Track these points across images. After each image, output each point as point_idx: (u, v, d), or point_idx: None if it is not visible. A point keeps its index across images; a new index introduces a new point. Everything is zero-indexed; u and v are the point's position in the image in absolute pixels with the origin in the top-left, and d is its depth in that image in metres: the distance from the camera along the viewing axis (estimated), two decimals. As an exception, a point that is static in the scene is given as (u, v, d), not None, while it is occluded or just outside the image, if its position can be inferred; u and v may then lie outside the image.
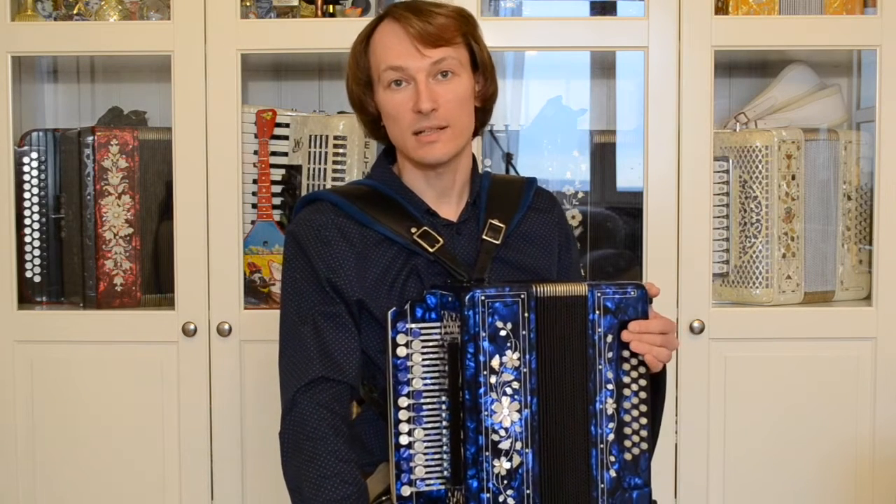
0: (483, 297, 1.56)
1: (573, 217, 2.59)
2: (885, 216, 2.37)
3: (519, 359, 1.58)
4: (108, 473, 2.41)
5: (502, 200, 1.80)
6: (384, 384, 1.62)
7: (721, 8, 2.40)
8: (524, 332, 1.58)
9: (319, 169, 2.46)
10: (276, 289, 2.40)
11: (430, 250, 1.68)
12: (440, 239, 1.69)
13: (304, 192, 2.46)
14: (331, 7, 2.45)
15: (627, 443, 1.64)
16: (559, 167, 2.61)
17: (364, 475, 1.69)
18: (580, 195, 2.59)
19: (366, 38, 1.71)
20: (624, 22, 2.41)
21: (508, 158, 2.63)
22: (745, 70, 2.70)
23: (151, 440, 2.41)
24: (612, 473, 1.62)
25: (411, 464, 1.58)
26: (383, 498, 1.67)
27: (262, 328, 2.35)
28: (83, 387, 2.40)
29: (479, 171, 1.83)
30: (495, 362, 1.57)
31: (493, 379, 1.56)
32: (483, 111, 1.77)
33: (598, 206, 2.61)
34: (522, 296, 1.58)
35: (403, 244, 1.69)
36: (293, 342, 1.69)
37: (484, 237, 1.73)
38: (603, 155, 2.64)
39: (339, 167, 2.44)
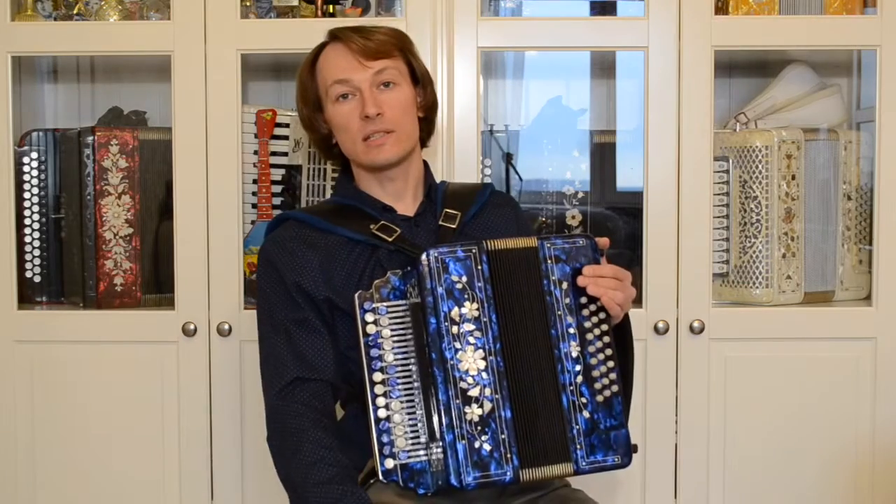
0: (436, 255, 1.66)
1: (573, 217, 2.59)
2: (885, 216, 2.37)
3: (478, 309, 1.66)
4: (108, 473, 2.41)
5: (458, 197, 1.92)
6: (360, 376, 1.68)
7: (721, 8, 2.40)
8: (479, 284, 1.67)
9: (319, 169, 2.47)
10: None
11: (389, 240, 1.78)
12: (398, 229, 1.80)
13: (304, 192, 2.46)
14: (331, 7, 2.45)
15: (597, 385, 1.69)
16: (559, 167, 2.61)
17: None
18: (580, 195, 2.59)
19: (311, 62, 1.88)
20: (624, 22, 2.41)
21: (508, 158, 2.63)
22: (745, 70, 2.70)
23: (151, 440, 2.40)
24: (586, 415, 1.68)
25: (391, 436, 1.64)
26: (371, 481, 1.72)
27: (262, 328, 2.35)
28: (83, 387, 2.40)
29: (436, 180, 1.95)
30: (455, 313, 1.65)
31: (454, 329, 1.65)
32: (427, 121, 1.91)
33: (598, 206, 2.60)
34: (474, 250, 1.68)
35: (365, 241, 1.80)
36: (269, 352, 1.79)
37: (441, 223, 1.84)
38: (603, 155, 2.63)
39: (338, 167, 2.44)
